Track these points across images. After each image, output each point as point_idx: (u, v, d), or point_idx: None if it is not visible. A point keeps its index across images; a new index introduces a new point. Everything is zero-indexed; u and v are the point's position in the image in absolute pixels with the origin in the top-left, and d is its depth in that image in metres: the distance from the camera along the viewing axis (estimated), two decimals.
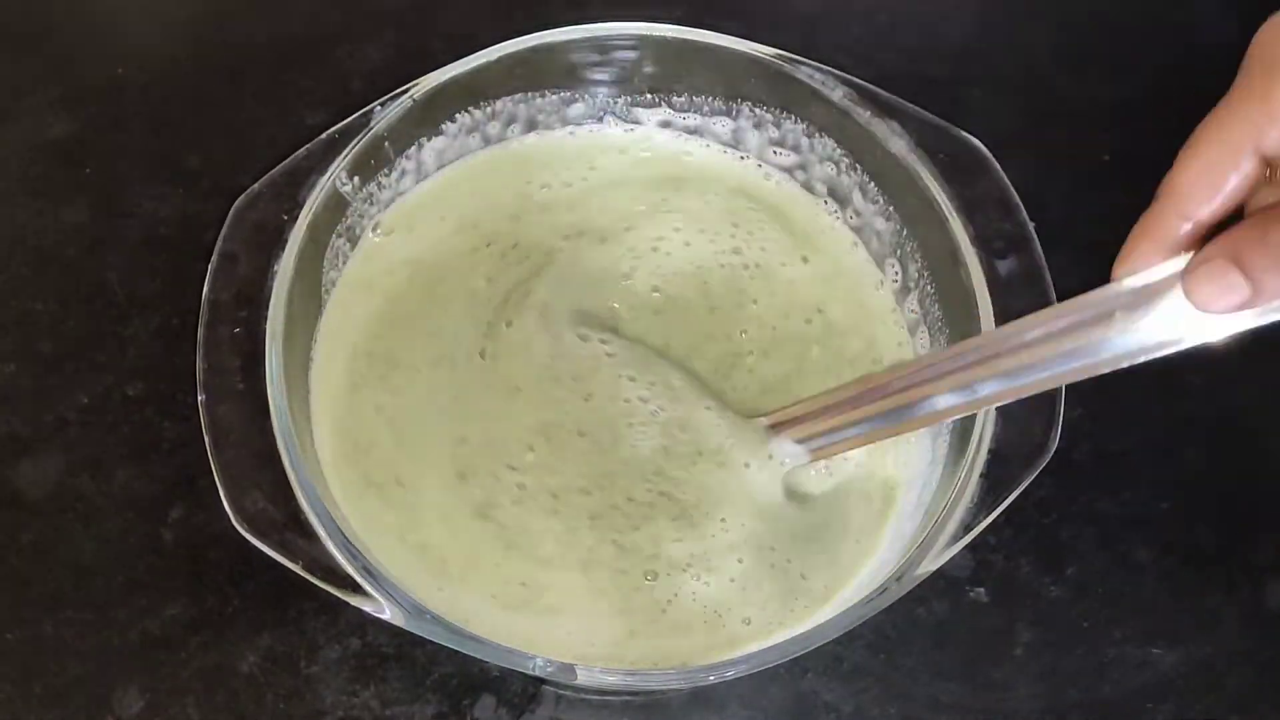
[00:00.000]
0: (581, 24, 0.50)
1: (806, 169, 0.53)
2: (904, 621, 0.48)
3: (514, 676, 0.46)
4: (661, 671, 0.39)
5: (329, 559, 0.38)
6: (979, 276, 0.44)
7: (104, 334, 0.54)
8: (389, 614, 0.37)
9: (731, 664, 0.38)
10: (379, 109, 0.47)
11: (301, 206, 0.45)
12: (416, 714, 0.46)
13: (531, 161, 0.53)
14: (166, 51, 0.64)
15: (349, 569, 0.38)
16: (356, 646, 0.47)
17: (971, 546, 0.40)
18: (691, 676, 0.38)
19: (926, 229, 0.47)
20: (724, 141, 0.54)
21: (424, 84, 0.48)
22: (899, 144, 0.47)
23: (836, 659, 0.47)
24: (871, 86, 0.48)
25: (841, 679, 0.47)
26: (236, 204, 0.45)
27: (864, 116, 0.48)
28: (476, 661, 0.45)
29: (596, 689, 0.46)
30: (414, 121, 0.49)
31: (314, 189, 0.45)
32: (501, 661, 0.37)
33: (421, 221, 0.51)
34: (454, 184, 0.52)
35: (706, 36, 0.50)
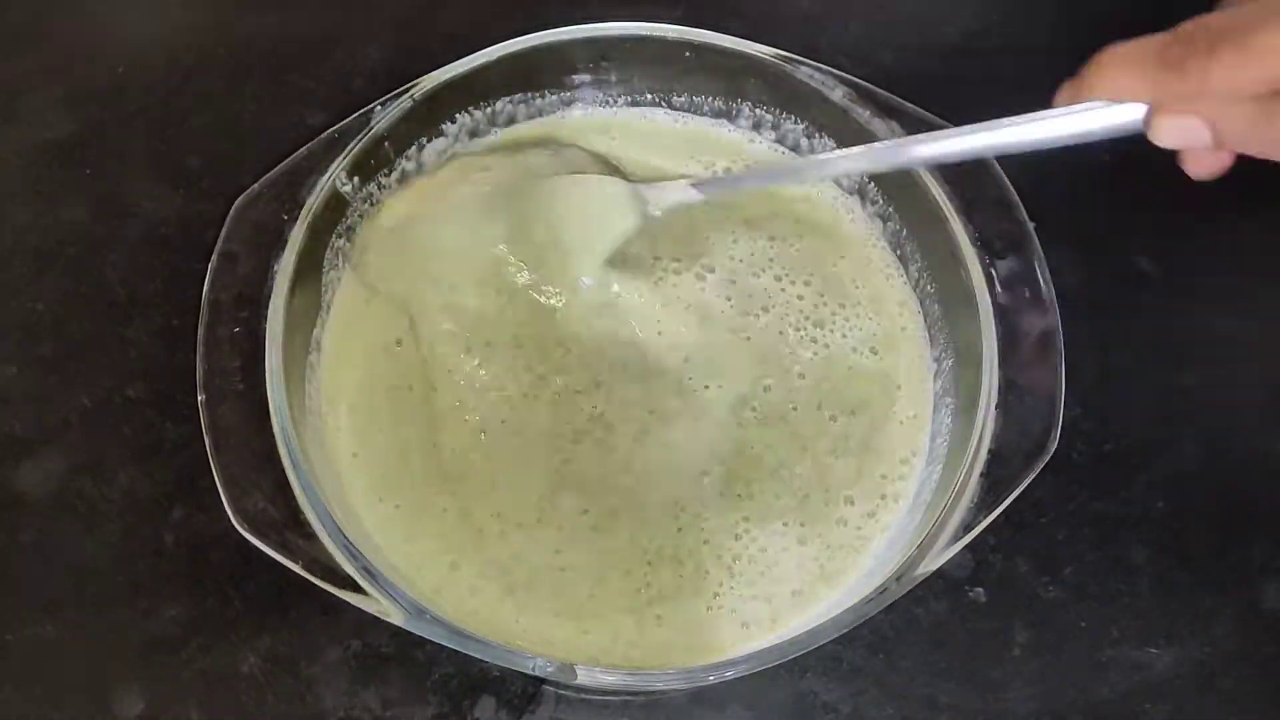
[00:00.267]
0: (581, 24, 0.50)
1: None
2: (903, 622, 0.48)
3: (514, 677, 0.46)
4: (662, 671, 0.39)
5: (329, 559, 0.38)
6: (979, 276, 0.44)
7: (104, 335, 0.54)
8: (389, 614, 0.37)
9: (731, 664, 0.38)
10: (379, 109, 0.47)
11: (301, 206, 0.45)
12: (416, 714, 0.46)
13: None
14: (167, 51, 0.64)
15: (349, 569, 0.38)
16: (357, 647, 0.47)
17: (970, 547, 0.40)
18: (691, 676, 0.38)
19: (926, 229, 0.47)
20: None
21: (424, 84, 0.48)
22: None
23: (835, 659, 0.47)
24: (871, 86, 0.49)
25: (840, 679, 0.47)
26: (236, 204, 0.45)
27: (864, 116, 0.48)
28: (476, 662, 0.45)
29: (596, 689, 0.46)
30: (414, 121, 0.49)
31: (314, 189, 0.45)
32: (502, 662, 0.37)
33: None
34: None
35: (706, 36, 0.50)
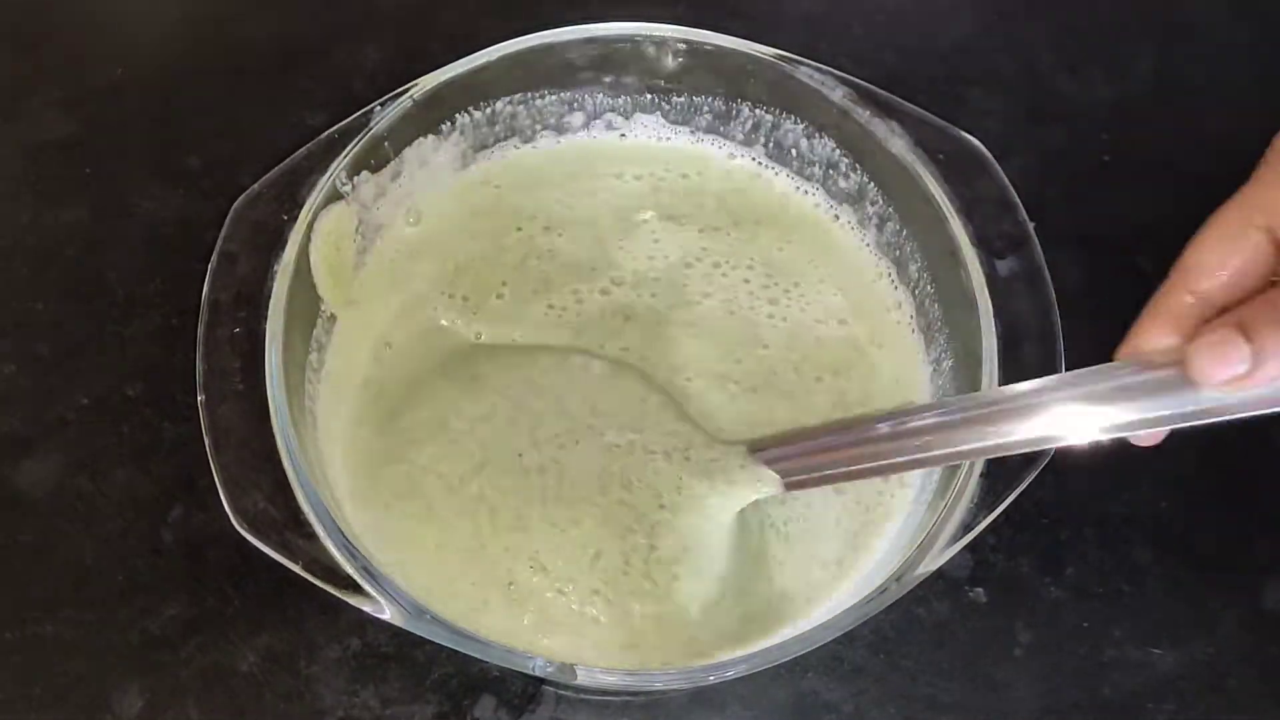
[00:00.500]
0: (581, 24, 0.50)
1: (806, 169, 0.53)
2: (904, 621, 0.48)
3: (514, 677, 0.46)
4: (662, 672, 0.39)
5: (329, 559, 0.38)
6: (979, 276, 0.44)
7: (104, 334, 0.54)
8: (389, 614, 0.37)
9: (731, 664, 0.38)
10: (379, 109, 0.47)
11: (301, 206, 0.45)
12: (416, 714, 0.46)
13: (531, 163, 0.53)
14: (167, 51, 0.64)
15: (349, 569, 0.38)
16: (356, 646, 0.47)
17: (971, 546, 0.40)
18: (691, 676, 0.38)
19: (926, 229, 0.47)
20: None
21: (424, 84, 0.48)
22: (899, 144, 0.47)
23: (836, 659, 0.47)
24: (871, 86, 0.48)
25: (841, 679, 0.47)
26: (236, 204, 0.45)
27: (864, 116, 0.48)
28: (476, 662, 0.45)
29: (596, 689, 0.46)
30: (414, 121, 0.49)
31: (314, 189, 0.45)
32: (502, 662, 0.37)
33: None
34: None
35: (706, 36, 0.50)
